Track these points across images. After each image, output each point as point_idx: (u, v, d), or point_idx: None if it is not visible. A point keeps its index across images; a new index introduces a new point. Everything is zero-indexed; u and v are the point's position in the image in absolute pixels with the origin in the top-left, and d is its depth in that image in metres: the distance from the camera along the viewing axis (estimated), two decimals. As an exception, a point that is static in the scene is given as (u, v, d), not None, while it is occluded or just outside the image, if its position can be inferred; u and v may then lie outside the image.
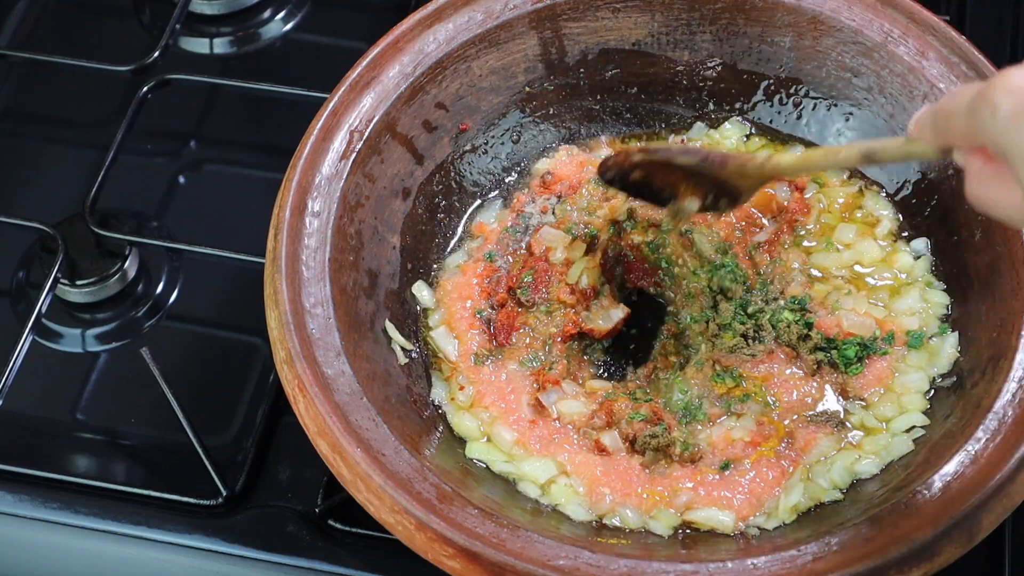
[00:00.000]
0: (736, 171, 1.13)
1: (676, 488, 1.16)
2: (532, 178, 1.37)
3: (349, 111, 1.26)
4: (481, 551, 1.04)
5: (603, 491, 1.17)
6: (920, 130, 0.95)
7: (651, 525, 1.15)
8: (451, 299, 1.28)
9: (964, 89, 0.88)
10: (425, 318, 1.28)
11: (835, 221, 1.31)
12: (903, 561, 1.04)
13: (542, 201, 1.34)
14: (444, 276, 1.30)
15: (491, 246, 1.32)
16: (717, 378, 1.22)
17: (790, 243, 1.30)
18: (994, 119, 0.83)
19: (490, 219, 1.34)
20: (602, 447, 1.19)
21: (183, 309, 1.43)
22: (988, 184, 0.89)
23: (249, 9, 1.65)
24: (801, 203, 1.32)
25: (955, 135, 0.90)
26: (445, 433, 1.20)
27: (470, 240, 1.33)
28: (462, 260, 1.31)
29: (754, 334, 1.24)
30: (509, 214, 1.34)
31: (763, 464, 1.18)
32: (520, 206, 1.34)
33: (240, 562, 1.24)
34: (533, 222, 1.33)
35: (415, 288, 1.28)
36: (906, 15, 1.30)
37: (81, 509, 1.27)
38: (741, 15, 1.34)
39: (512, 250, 1.32)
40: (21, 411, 1.36)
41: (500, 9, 1.32)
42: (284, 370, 1.13)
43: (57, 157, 1.56)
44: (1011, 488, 1.07)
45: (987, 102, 0.84)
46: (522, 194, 1.35)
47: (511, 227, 1.33)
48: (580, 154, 1.37)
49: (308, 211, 1.20)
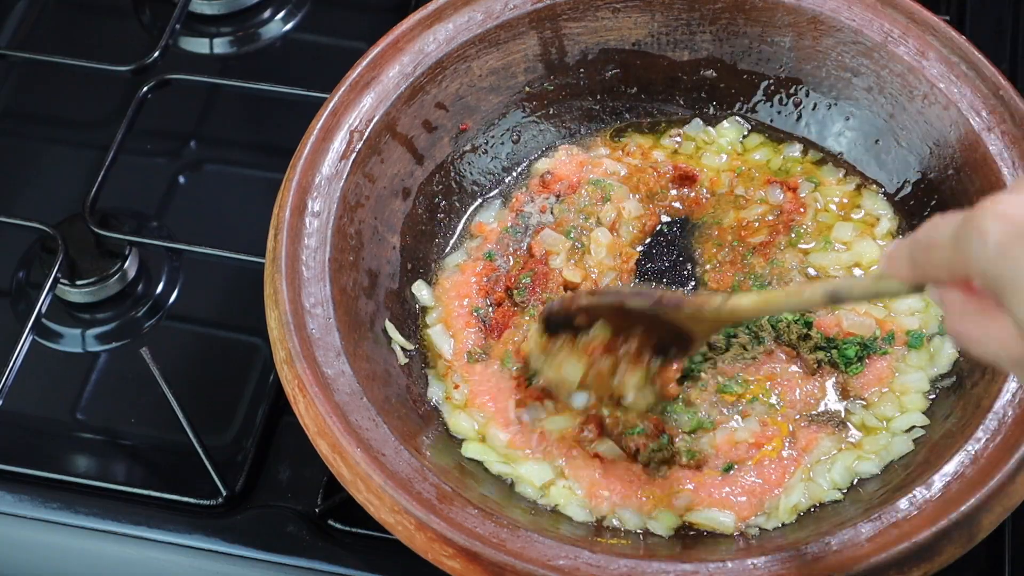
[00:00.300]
0: (692, 314, 1.07)
1: (677, 490, 1.16)
2: (531, 177, 1.37)
3: (349, 111, 1.26)
4: (481, 551, 1.04)
5: (603, 494, 1.17)
6: (894, 266, 0.87)
7: (651, 525, 1.15)
8: (449, 297, 1.28)
9: (944, 219, 0.82)
10: (424, 317, 1.28)
11: (833, 220, 1.31)
12: (903, 561, 1.04)
13: (541, 200, 1.35)
14: (443, 275, 1.30)
15: (491, 245, 1.32)
16: (724, 389, 1.22)
17: (786, 244, 1.30)
18: (984, 247, 0.77)
19: (489, 219, 1.34)
20: (600, 455, 1.19)
21: (183, 309, 1.43)
22: (972, 320, 0.83)
23: (249, 9, 1.65)
24: (796, 202, 1.32)
25: (936, 268, 0.83)
26: (443, 432, 1.20)
27: (469, 240, 1.33)
28: (461, 259, 1.31)
29: (752, 338, 1.24)
30: (508, 214, 1.34)
31: (764, 465, 1.18)
32: (519, 205, 1.34)
33: (240, 562, 1.24)
34: (533, 222, 1.33)
35: (415, 287, 1.28)
36: (906, 15, 1.30)
37: (81, 509, 1.27)
38: (741, 15, 1.34)
39: (512, 250, 1.32)
40: (21, 411, 1.36)
41: (500, 9, 1.32)
42: (284, 370, 1.13)
43: (57, 157, 1.56)
44: (1011, 488, 1.07)
45: (975, 230, 0.78)
46: (521, 193, 1.35)
47: (511, 227, 1.33)
48: (580, 154, 1.37)
49: (308, 211, 1.20)
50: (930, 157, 1.29)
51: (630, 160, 1.36)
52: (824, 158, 1.36)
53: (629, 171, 1.35)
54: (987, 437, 1.10)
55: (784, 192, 1.33)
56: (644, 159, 1.37)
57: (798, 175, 1.34)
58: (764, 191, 1.33)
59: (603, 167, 1.36)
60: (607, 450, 1.18)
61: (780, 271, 1.28)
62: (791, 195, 1.32)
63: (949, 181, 1.28)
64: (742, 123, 1.38)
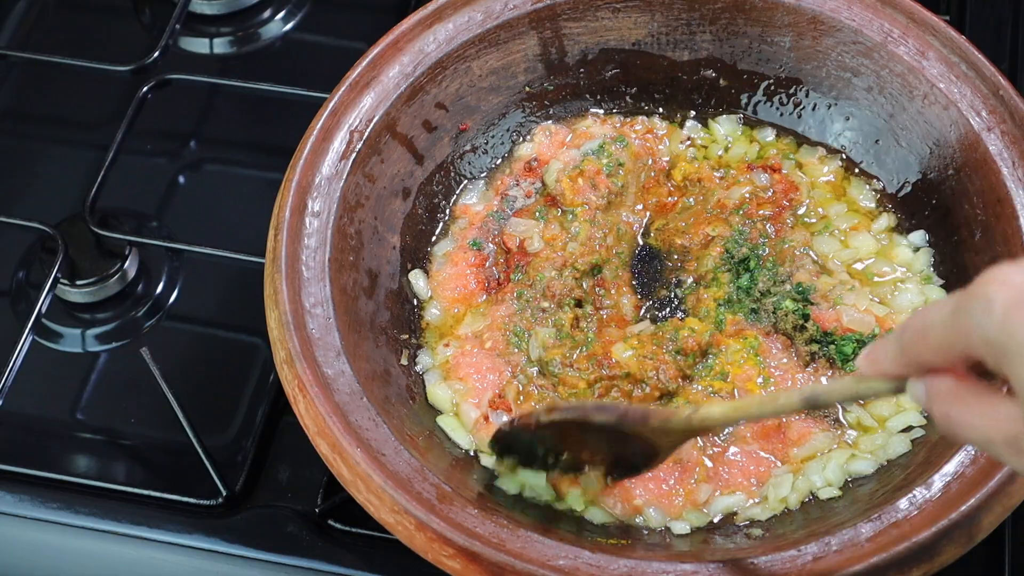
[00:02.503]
0: (659, 427, 1.03)
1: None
2: (515, 162, 1.36)
3: (349, 111, 1.26)
4: (481, 551, 1.04)
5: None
6: (876, 365, 0.87)
7: (650, 521, 1.15)
8: (444, 291, 1.28)
9: (937, 302, 0.84)
10: (420, 310, 1.28)
11: (826, 200, 1.32)
12: (903, 561, 1.04)
13: (527, 185, 1.34)
14: (435, 267, 1.30)
15: (476, 231, 1.31)
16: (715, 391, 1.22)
17: (794, 222, 1.30)
18: (988, 314, 0.76)
19: (473, 200, 1.34)
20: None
21: (183, 309, 1.43)
22: (962, 404, 0.82)
23: (249, 9, 1.65)
24: (786, 182, 1.32)
25: (930, 351, 0.82)
26: (422, 399, 1.21)
27: (454, 222, 1.33)
28: (450, 247, 1.31)
29: (751, 312, 1.24)
30: (494, 197, 1.34)
31: (753, 457, 1.18)
32: (504, 189, 1.34)
33: (240, 562, 1.24)
34: (518, 206, 1.33)
35: (411, 276, 1.28)
36: (906, 15, 1.30)
37: (81, 509, 1.27)
38: (741, 15, 1.34)
39: (494, 235, 1.31)
40: (21, 411, 1.36)
41: (500, 9, 1.32)
42: (284, 370, 1.13)
43: (57, 157, 1.56)
44: (1011, 488, 1.07)
45: (979, 298, 0.77)
46: (505, 176, 1.35)
47: (496, 212, 1.33)
48: (560, 131, 1.37)
49: (308, 211, 1.20)
50: (930, 157, 1.29)
51: (633, 131, 1.37)
52: (798, 141, 1.36)
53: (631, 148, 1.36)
54: (987, 437, 1.10)
55: (769, 174, 1.33)
56: (647, 137, 1.37)
57: (772, 157, 1.34)
58: (748, 175, 1.33)
59: (590, 133, 1.36)
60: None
61: (791, 252, 1.27)
62: (777, 176, 1.32)
63: (949, 181, 1.28)
64: (738, 121, 1.38)
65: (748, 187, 1.32)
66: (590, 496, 1.15)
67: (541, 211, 1.32)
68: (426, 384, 1.23)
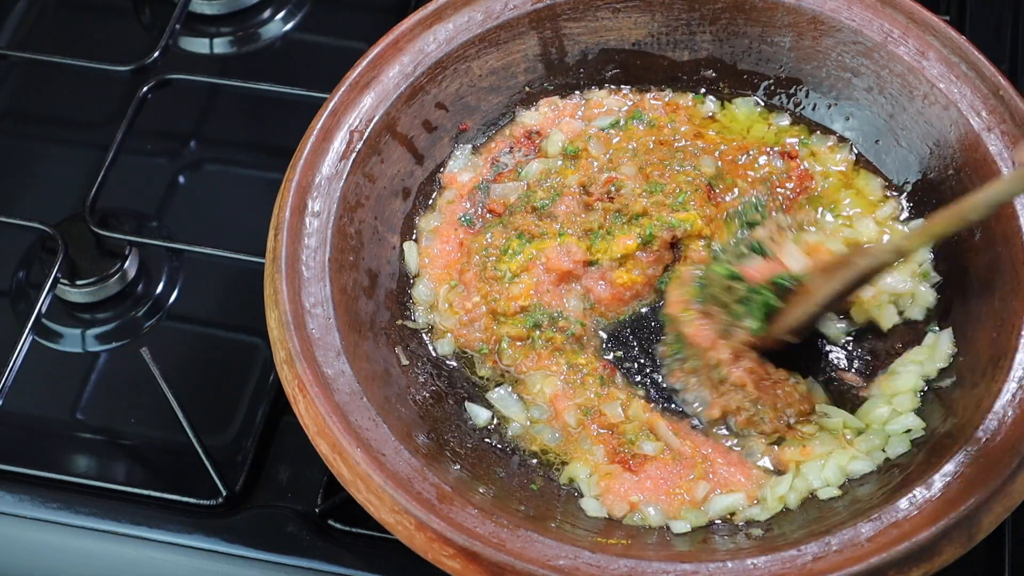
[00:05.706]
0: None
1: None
2: (515, 126, 1.36)
3: (349, 111, 1.26)
4: (481, 551, 1.04)
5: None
6: None
7: (649, 519, 1.15)
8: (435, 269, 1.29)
9: None
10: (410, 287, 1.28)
11: (836, 189, 1.32)
12: (903, 561, 1.04)
13: (519, 155, 1.34)
14: (424, 242, 1.29)
15: (465, 204, 1.30)
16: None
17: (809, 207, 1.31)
18: None
19: (459, 168, 1.33)
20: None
21: (183, 309, 1.43)
22: None
23: (249, 9, 1.65)
24: (801, 171, 1.32)
25: None
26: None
27: (439, 193, 1.32)
28: (436, 223, 1.30)
29: None
30: (482, 164, 1.33)
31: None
32: (495, 154, 1.33)
33: (240, 562, 1.24)
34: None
35: (405, 246, 1.28)
36: (906, 15, 1.30)
37: (81, 509, 1.27)
38: (741, 15, 1.34)
39: (482, 210, 1.31)
40: (21, 411, 1.36)
41: (500, 9, 1.32)
42: (284, 370, 1.13)
43: (57, 157, 1.56)
44: (1011, 488, 1.07)
45: None
46: (501, 140, 1.35)
47: (483, 183, 1.32)
48: (567, 106, 1.36)
49: (308, 211, 1.21)
50: (930, 157, 1.29)
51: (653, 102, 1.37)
52: (811, 128, 1.36)
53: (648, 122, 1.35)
54: (987, 437, 1.10)
55: (785, 161, 1.32)
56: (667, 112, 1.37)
57: (786, 144, 1.34)
58: (765, 157, 1.33)
59: (605, 108, 1.35)
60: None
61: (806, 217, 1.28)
62: (793, 163, 1.32)
63: (949, 181, 1.28)
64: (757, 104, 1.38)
65: (767, 168, 1.31)
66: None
67: (526, 170, 1.31)
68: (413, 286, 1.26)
